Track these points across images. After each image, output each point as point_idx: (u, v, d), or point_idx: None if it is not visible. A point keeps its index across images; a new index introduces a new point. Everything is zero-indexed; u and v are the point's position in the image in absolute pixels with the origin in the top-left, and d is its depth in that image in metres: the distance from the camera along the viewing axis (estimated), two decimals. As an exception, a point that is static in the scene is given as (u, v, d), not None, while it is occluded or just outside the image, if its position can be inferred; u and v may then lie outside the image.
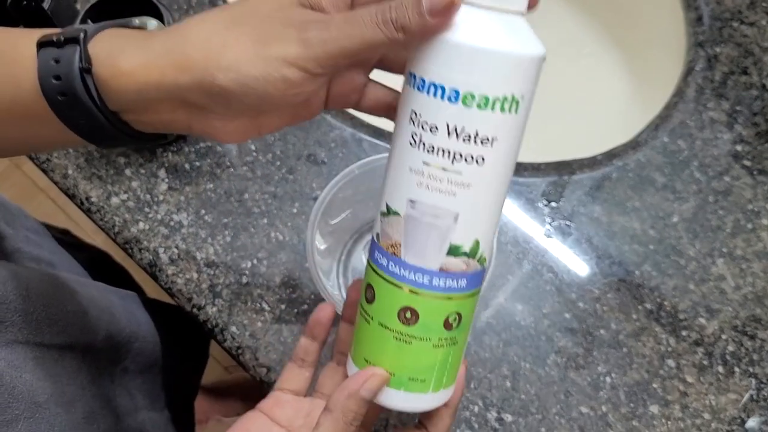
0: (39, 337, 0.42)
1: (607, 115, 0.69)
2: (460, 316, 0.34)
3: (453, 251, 0.32)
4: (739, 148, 0.58)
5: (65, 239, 0.70)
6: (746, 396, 0.50)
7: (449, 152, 0.31)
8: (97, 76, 0.31)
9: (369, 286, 0.35)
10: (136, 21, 0.36)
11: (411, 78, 0.31)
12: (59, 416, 0.41)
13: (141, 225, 0.56)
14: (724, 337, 0.52)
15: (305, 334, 0.42)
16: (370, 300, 0.35)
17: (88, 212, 0.57)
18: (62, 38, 0.31)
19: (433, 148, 0.31)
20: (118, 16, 0.51)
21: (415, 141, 0.31)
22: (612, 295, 0.53)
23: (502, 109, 0.30)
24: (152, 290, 1.25)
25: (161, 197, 0.57)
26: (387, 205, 0.34)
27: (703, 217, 0.55)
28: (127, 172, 0.57)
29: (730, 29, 0.62)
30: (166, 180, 0.57)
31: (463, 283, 0.33)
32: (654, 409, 0.50)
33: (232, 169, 0.57)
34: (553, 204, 0.56)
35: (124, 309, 0.54)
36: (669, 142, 0.58)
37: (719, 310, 0.53)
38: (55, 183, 0.59)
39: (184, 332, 0.66)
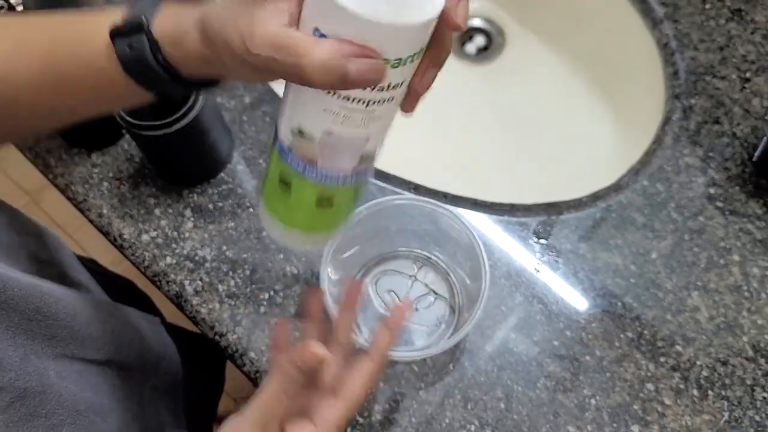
0: (83, 353, 0.47)
1: (592, 160, 0.73)
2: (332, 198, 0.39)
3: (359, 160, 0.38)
4: (712, 190, 0.63)
5: (94, 268, 0.75)
6: (722, 419, 0.54)
7: (366, 100, 0.34)
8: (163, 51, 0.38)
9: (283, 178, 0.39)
10: None
11: None
12: (96, 425, 0.46)
13: (168, 260, 0.61)
14: (698, 363, 0.56)
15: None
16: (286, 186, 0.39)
17: (120, 248, 0.63)
18: (130, 28, 0.38)
19: (349, 98, 0.33)
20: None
21: (332, 92, 0.33)
22: (596, 324, 0.58)
23: (411, 61, 0.34)
24: (171, 316, 1.31)
25: (187, 234, 0.62)
26: (300, 129, 0.37)
27: (679, 253, 0.60)
28: (157, 211, 0.63)
29: (704, 83, 0.67)
30: (192, 219, 0.63)
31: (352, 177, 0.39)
32: (635, 429, 0.54)
33: (251, 209, 0.63)
34: (543, 241, 0.61)
35: (152, 332, 0.59)
36: (648, 185, 0.63)
37: (694, 338, 0.57)
38: (91, 221, 0.64)
39: (202, 357, 0.70)
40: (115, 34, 0.38)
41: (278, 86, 0.69)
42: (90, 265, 0.74)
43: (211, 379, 0.75)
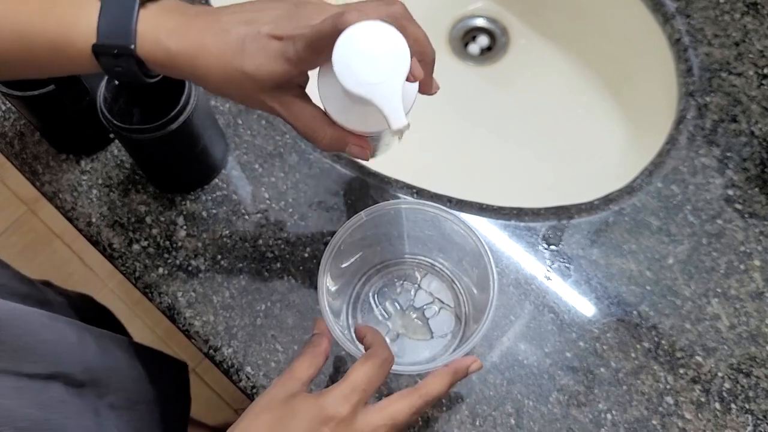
0: (18, 367, 0.44)
1: (604, 162, 0.70)
2: None
3: None
4: (730, 192, 0.60)
5: (48, 288, 0.72)
6: (745, 433, 0.52)
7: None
8: (145, 57, 0.41)
9: None
10: None
11: None
12: None
13: (160, 270, 0.59)
14: (720, 374, 0.53)
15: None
16: None
17: (110, 258, 0.60)
18: (116, 51, 0.40)
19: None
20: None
21: None
22: (611, 334, 0.55)
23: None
24: (137, 330, 1.28)
25: (180, 243, 0.59)
26: None
27: (697, 258, 0.57)
28: (148, 219, 0.60)
29: (719, 79, 0.65)
30: (185, 227, 0.60)
31: None
32: (654, 445, 0.52)
33: (246, 217, 0.60)
34: (553, 247, 0.58)
35: (98, 344, 0.56)
36: (663, 187, 0.60)
37: (715, 348, 0.54)
38: (80, 231, 0.62)
39: (164, 373, 0.67)
40: (100, 53, 0.41)
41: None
42: (43, 286, 0.71)
43: (176, 396, 0.72)
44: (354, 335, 0.47)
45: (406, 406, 0.42)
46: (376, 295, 0.58)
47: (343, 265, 0.55)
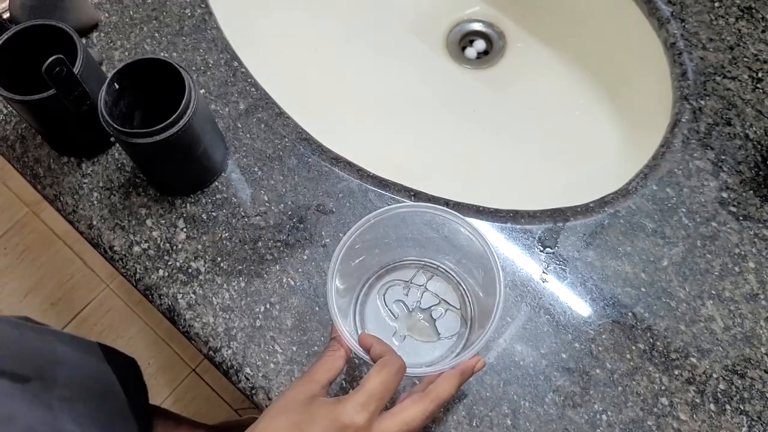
0: None
1: (599, 165, 0.71)
2: None
3: None
4: (724, 195, 0.60)
5: None
6: (740, 433, 0.52)
7: None
8: None
9: None
10: None
11: None
12: None
13: (161, 272, 0.59)
14: (715, 376, 0.54)
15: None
16: None
17: (111, 260, 0.61)
18: None
19: None
20: (143, 81, 0.56)
21: None
22: (606, 335, 0.56)
23: None
24: (138, 331, 1.27)
25: (180, 246, 0.60)
26: None
27: (691, 261, 0.58)
28: (148, 222, 0.61)
29: (714, 83, 0.65)
30: (185, 229, 0.61)
31: None
32: (649, 445, 0.52)
33: (246, 219, 0.61)
34: (549, 249, 0.59)
35: (38, 339, 0.56)
36: (658, 189, 0.61)
37: (710, 350, 0.55)
38: (81, 233, 0.62)
39: (114, 366, 0.68)
40: None
41: (274, 92, 0.67)
42: None
43: (131, 388, 0.72)
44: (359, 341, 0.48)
45: (419, 411, 0.43)
46: (383, 297, 0.58)
47: (350, 267, 0.55)
